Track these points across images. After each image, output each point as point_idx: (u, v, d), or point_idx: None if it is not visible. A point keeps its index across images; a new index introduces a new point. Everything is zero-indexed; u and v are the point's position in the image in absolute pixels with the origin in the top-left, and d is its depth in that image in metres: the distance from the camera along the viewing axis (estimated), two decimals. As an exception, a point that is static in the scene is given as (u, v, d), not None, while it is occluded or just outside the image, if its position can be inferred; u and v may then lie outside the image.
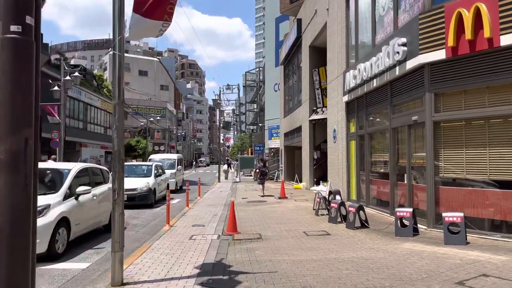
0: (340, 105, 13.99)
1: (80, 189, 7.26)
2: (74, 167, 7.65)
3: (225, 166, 35.87)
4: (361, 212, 8.67)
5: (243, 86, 64.12)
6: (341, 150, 13.91)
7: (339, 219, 9.28)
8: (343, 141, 13.68)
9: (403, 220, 7.77)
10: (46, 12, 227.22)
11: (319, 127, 19.36)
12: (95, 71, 58.44)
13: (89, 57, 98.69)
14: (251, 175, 33.64)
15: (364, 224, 8.58)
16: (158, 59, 73.63)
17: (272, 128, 37.58)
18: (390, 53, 9.30)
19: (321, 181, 19.02)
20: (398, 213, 7.70)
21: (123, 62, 5.01)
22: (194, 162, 61.32)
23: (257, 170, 16.55)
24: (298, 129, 22.03)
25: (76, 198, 7.25)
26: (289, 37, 24.23)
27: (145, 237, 8.41)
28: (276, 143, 34.71)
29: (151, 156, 21.23)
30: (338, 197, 12.44)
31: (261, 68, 53.83)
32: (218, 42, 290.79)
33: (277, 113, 33.35)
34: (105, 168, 9.55)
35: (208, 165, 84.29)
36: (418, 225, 7.84)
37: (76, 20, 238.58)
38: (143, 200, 13.10)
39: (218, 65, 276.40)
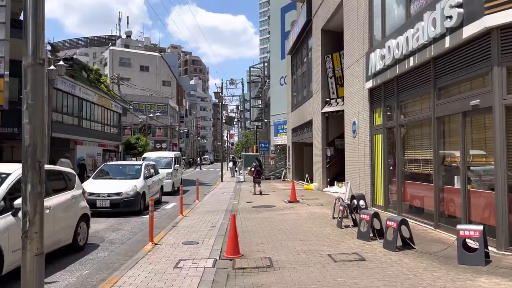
0: (362, 93, 11.87)
1: (20, 201, 5.20)
2: (15, 171, 5.59)
3: (231, 164, 34.48)
4: (403, 227, 6.56)
5: (248, 82, 62.15)
6: (363, 146, 11.81)
7: (371, 234, 7.19)
8: (366, 136, 11.56)
9: (467, 241, 5.67)
10: (51, 10, 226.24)
11: (333, 121, 17.25)
12: (95, 65, 56.49)
13: (91, 53, 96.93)
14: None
15: (408, 244, 6.48)
16: (160, 54, 71.59)
17: (278, 123, 35.67)
18: (437, 20, 7.16)
19: (335, 182, 16.97)
20: (461, 232, 5.58)
21: (41, -4, 2.94)
22: (192, 161, 54.38)
23: (253, 169, 17.28)
24: (308, 124, 19.91)
25: (15, 214, 5.21)
26: (297, 23, 22.07)
27: (119, 261, 6.39)
28: (282, 139, 32.72)
29: (145, 154, 19.15)
30: (362, 203, 10.40)
31: (266, 63, 51.81)
32: (223, 40, 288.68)
33: (283, 108, 31.32)
34: (69, 170, 7.49)
35: (212, 162, 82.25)
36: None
37: (81, 19, 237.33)
38: (130, 207, 11.07)
39: (223, 62, 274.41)
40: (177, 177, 18.30)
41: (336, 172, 17.66)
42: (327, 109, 16.82)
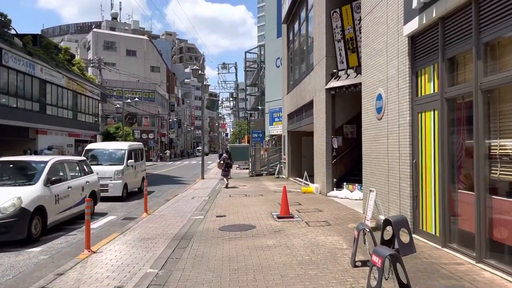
0: (395, 47, 7.31)
1: None
2: None
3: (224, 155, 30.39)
4: None
5: (244, 71, 57.73)
6: (397, 132, 7.28)
7: None
8: (403, 115, 7.03)
9: None
10: (47, 1, 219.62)
11: (341, 100, 12.72)
12: (77, 50, 51.63)
13: (81, 40, 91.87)
14: (247, 168, 27.19)
15: None
16: (149, 38, 66.56)
17: (274, 111, 31.34)
18: None
19: (344, 183, 12.47)
20: None
21: None
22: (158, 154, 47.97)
23: (222, 162, 16.70)
24: (308, 106, 15.35)
25: None
26: (295, -21, 17.36)
27: None
28: (278, 129, 28.35)
29: (89, 146, 14.36)
30: (404, 232, 5.89)
31: (262, 47, 47.41)
32: (223, 30, 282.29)
33: (279, 94, 26.81)
34: None
35: (206, 154, 77.81)
36: None
37: (79, 10, 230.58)
38: (6, 234, 6.52)
39: (222, 53, 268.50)
40: (133, 177, 13.73)
41: (345, 169, 13.18)
42: (334, 83, 12.25)
